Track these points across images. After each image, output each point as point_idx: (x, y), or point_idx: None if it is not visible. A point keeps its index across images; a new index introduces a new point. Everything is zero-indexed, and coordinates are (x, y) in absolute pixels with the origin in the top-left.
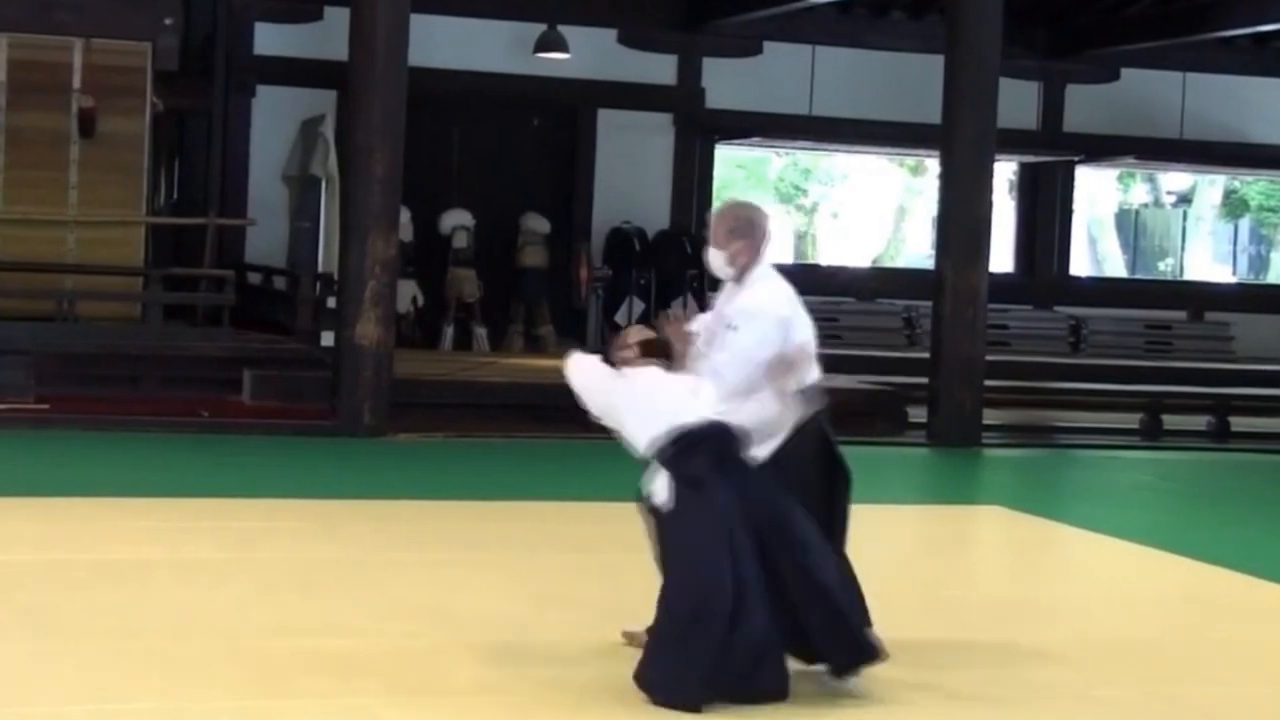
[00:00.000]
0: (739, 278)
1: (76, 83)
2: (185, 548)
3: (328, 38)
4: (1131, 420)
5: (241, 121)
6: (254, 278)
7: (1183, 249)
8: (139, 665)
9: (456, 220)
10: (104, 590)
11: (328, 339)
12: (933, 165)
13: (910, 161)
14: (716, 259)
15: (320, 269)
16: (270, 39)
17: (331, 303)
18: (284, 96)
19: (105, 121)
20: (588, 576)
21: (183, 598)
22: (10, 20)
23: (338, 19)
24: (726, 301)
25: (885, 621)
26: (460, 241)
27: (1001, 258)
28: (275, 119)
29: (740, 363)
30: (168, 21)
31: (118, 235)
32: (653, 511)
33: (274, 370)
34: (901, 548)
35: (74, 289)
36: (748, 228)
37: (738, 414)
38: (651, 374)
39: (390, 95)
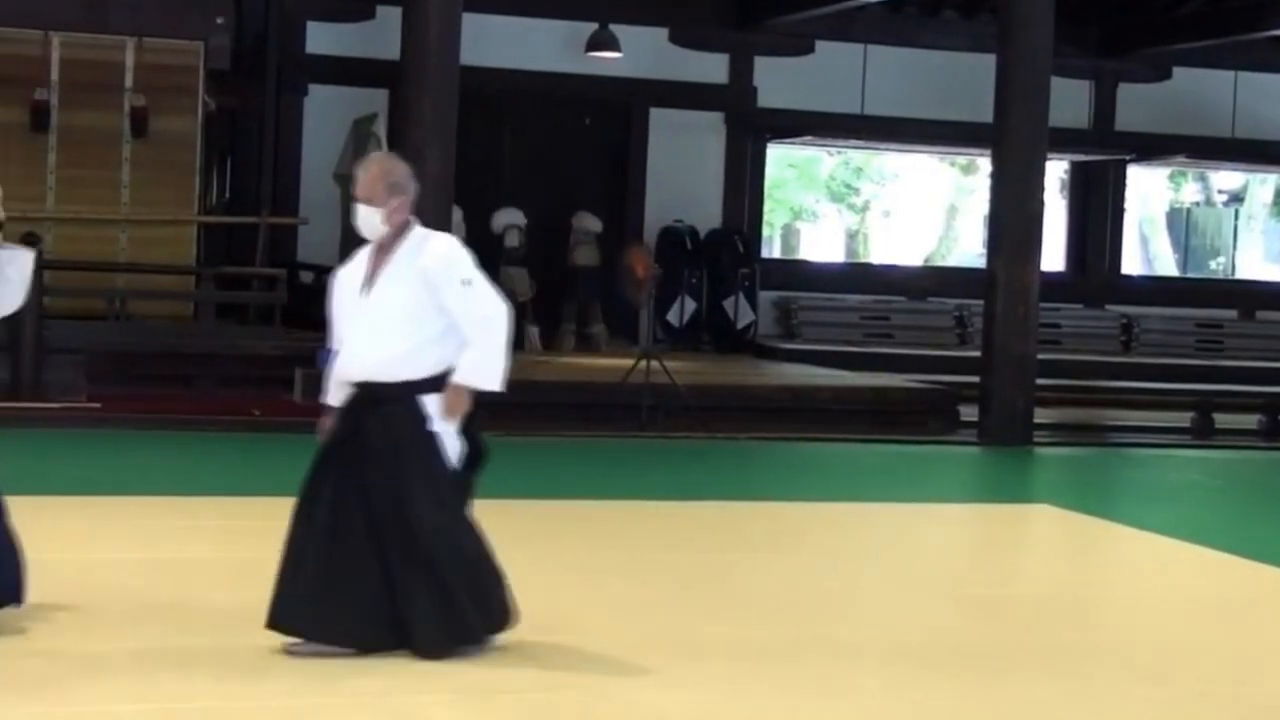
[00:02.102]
0: (395, 237)
1: (129, 82)
2: (236, 546)
3: (379, 36)
4: (1183, 419)
5: (293, 120)
6: (306, 276)
7: (1234, 248)
8: (190, 664)
9: (508, 219)
10: (154, 589)
11: None
12: (984, 164)
13: (962, 160)
14: (370, 216)
15: None
16: (322, 38)
17: None
18: (336, 95)
19: (157, 121)
20: (635, 575)
21: (233, 597)
22: (63, 20)
23: (390, 18)
24: (411, 258)
25: (935, 619)
26: (512, 240)
27: (1053, 256)
28: (327, 118)
29: (500, 316)
30: (220, 21)
31: (170, 234)
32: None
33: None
34: (953, 546)
35: (126, 288)
36: (406, 184)
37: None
38: None
39: (442, 94)
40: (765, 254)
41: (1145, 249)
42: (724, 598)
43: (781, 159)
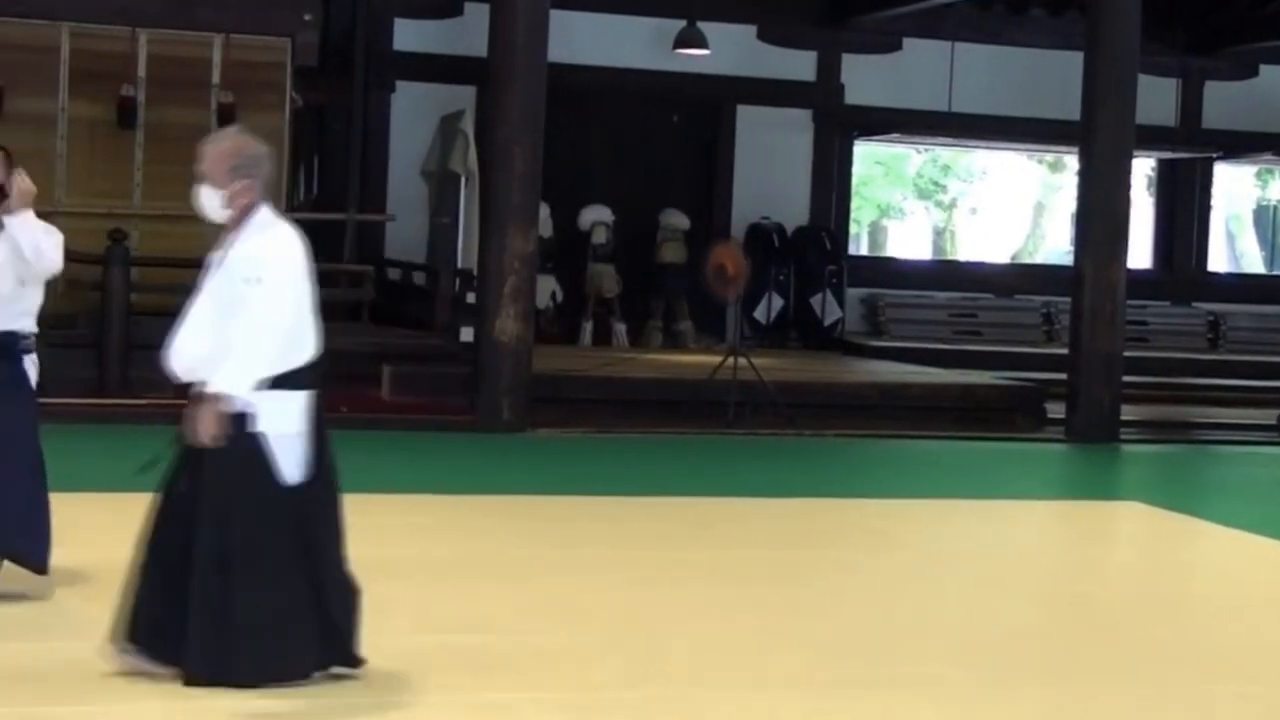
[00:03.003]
0: (238, 222)
1: (216, 79)
2: None
3: (467, 33)
4: (1269, 416)
5: (381, 117)
6: (393, 273)
7: None
8: None
9: (596, 216)
10: None
11: (467, 334)
12: (1071, 161)
13: (1049, 158)
14: (211, 199)
15: (459, 264)
16: (410, 35)
17: (471, 298)
18: (423, 92)
19: (245, 117)
20: (721, 572)
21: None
22: (151, 16)
23: (477, 15)
24: (235, 249)
25: (1024, 617)
26: (600, 237)
27: (1140, 254)
28: (415, 115)
29: (276, 323)
30: (307, 17)
31: None
32: None
33: (413, 366)
34: (1041, 544)
35: None
36: (252, 164)
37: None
38: None
39: (530, 91)
40: (852, 251)
41: (1231, 246)
42: (811, 595)
43: (869, 156)
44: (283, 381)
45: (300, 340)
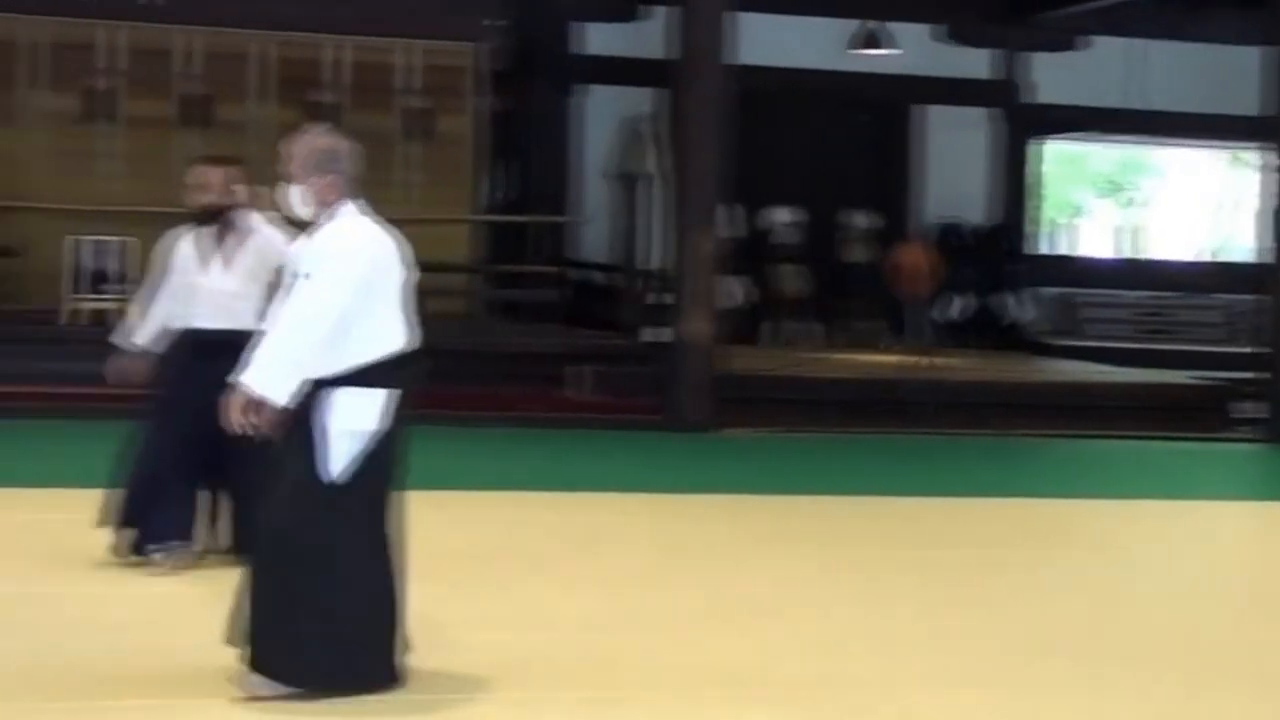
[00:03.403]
0: (322, 219)
1: (407, 84)
2: (516, 541)
3: (650, 36)
4: None
5: (567, 120)
6: (581, 274)
7: None
8: (483, 659)
9: (782, 216)
10: (431, 581)
11: (654, 335)
12: (1253, 158)
13: (1231, 154)
14: (295, 196)
15: (646, 266)
16: (594, 38)
17: (658, 299)
18: (608, 95)
19: (434, 122)
20: (910, 572)
21: (519, 591)
22: (343, 24)
23: (660, 18)
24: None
25: (1222, 620)
26: (786, 237)
27: None
28: (600, 117)
29: (313, 318)
30: (494, 23)
31: (448, 233)
32: None
33: (602, 366)
34: (1238, 545)
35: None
36: (334, 160)
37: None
38: None
39: (712, 93)
40: (1037, 250)
41: None
42: (1002, 594)
43: (1053, 154)
44: (360, 377)
45: (373, 336)
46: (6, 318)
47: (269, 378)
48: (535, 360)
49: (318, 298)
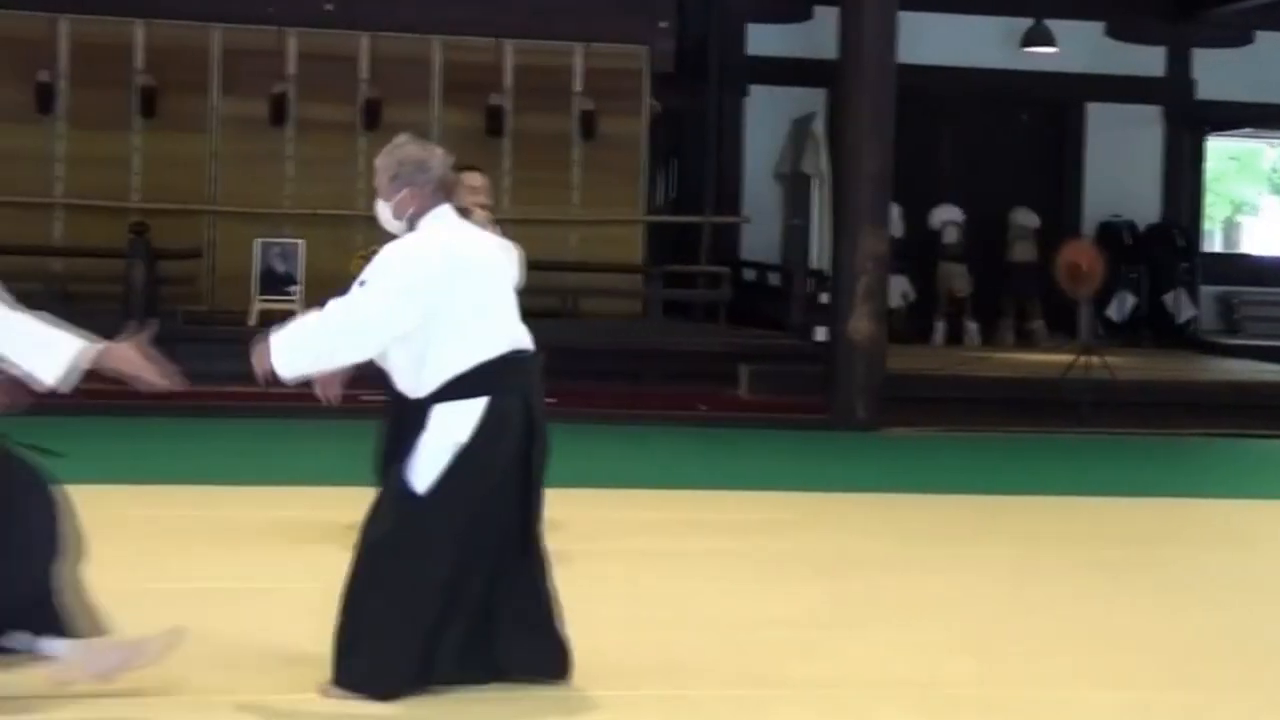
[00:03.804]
0: (410, 230)
1: (577, 86)
2: (685, 538)
3: (817, 36)
4: None
5: (735, 121)
6: (749, 274)
7: None
8: (639, 654)
9: (946, 215)
10: (605, 580)
11: (821, 334)
12: None
13: None
14: (382, 211)
15: (813, 265)
16: (762, 39)
17: (824, 298)
18: (775, 95)
19: (605, 123)
20: (1086, 572)
21: (681, 587)
22: (514, 27)
23: (827, 18)
24: None
25: None
26: (950, 236)
27: None
28: (767, 118)
29: (343, 320)
30: (663, 25)
31: (618, 234)
32: None
33: (769, 365)
34: None
35: (576, 286)
36: (412, 171)
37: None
38: None
39: (880, 92)
40: (1206, 248)
41: None
42: (1166, 593)
43: (1221, 152)
44: (451, 390)
45: (458, 347)
46: (198, 319)
47: (286, 350)
48: (705, 359)
49: (362, 304)
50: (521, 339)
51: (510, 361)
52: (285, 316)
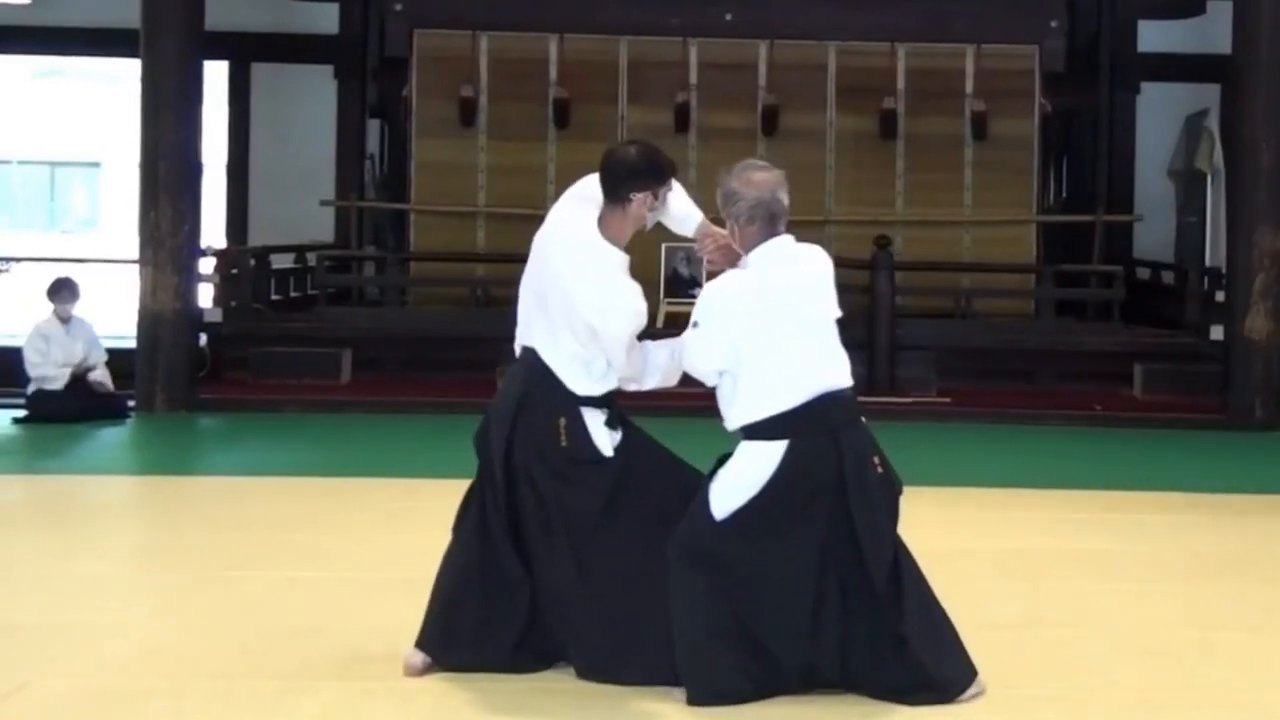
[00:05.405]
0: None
1: (969, 88)
2: (1083, 538)
3: (1210, 32)
4: None
5: (1126, 119)
6: (1142, 273)
7: None
8: (1037, 654)
9: None
10: (1006, 578)
11: (1217, 333)
12: None
13: None
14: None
15: (1209, 263)
16: (1153, 35)
17: (1220, 296)
18: (1167, 92)
19: (996, 124)
20: None
21: (1079, 588)
22: (908, 31)
23: (1220, 12)
24: None
25: None
26: None
27: None
28: (1159, 115)
29: (687, 364)
30: (1054, 24)
31: (1010, 234)
32: None
33: (1164, 364)
34: None
35: (970, 286)
36: (723, 203)
37: None
38: None
39: (1276, 87)
40: None
41: None
42: None
43: None
44: (758, 430)
45: (755, 394)
46: None
47: (649, 369)
48: (1099, 359)
49: (685, 342)
50: (833, 379)
51: (815, 407)
52: (683, 319)
